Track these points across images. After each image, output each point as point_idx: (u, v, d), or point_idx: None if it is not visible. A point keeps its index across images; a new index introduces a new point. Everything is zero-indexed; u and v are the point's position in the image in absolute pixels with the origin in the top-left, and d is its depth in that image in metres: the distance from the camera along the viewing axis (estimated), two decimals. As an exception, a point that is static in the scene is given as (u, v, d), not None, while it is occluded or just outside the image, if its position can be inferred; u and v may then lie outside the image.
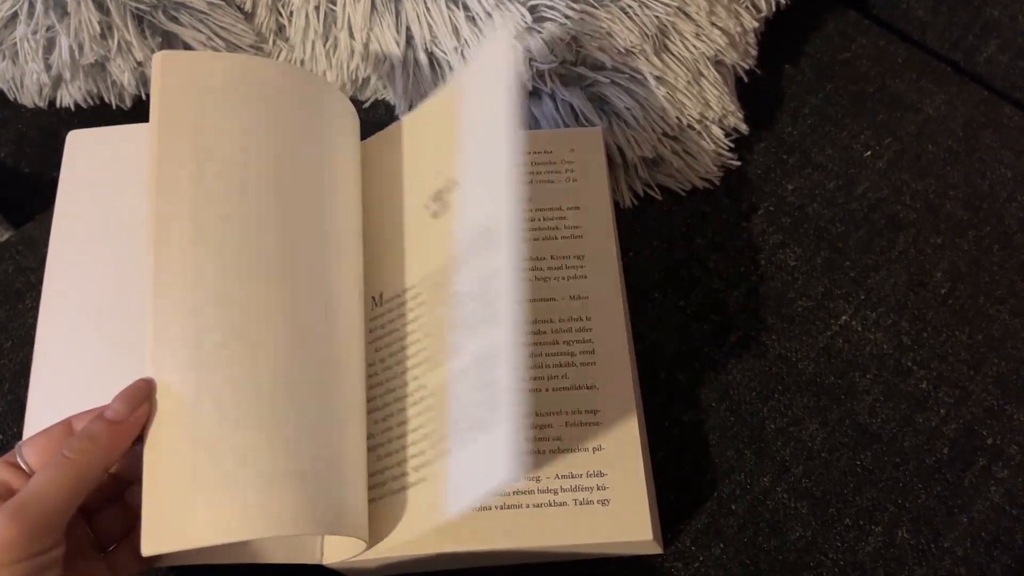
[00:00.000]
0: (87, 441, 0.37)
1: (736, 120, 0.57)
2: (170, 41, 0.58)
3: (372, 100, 0.62)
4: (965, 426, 0.50)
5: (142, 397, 0.38)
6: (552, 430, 0.45)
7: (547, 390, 0.46)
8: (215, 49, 0.59)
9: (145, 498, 0.37)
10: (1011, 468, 0.49)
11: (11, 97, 0.63)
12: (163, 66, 0.43)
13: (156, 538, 0.37)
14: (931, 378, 0.51)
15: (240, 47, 0.59)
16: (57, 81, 0.60)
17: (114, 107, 0.62)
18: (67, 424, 0.39)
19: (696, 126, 0.55)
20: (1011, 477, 0.48)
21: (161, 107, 0.43)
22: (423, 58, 0.57)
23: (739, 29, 0.56)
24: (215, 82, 0.44)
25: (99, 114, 0.62)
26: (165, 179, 0.41)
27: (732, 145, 0.58)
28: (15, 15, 0.57)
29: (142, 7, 0.56)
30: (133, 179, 0.47)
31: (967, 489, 0.48)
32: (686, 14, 0.54)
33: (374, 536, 0.42)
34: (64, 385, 0.44)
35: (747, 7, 0.57)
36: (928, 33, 0.67)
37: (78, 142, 0.50)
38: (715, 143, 0.56)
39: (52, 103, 0.62)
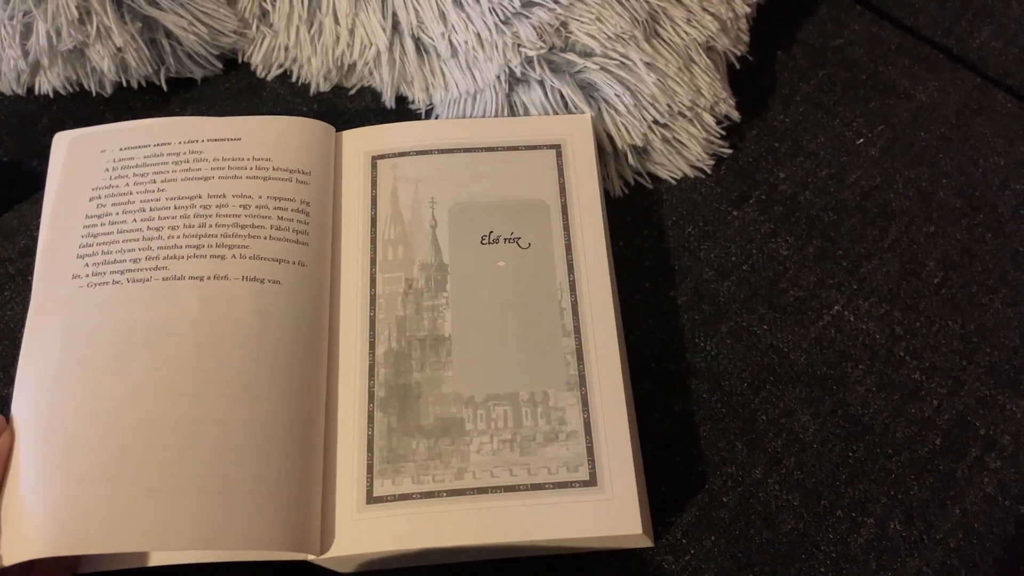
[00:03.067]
0: None
1: (728, 107, 0.56)
2: (150, 26, 0.57)
3: (358, 87, 0.61)
4: (958, 416, 0.49)
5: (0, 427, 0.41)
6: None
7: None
8: (196, 35, 0.57)
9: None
10: (1004, 459, 0.48)
11: (-12, 84, 0.61)
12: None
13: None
14: (924, 368, 0.51)
15: (222, 32, 0.58)
16: (35, 67, 0.59)
17: (93, 94, 0.60)
18: None
19: (687, 113, 0.55)
20: (1004, 468, 0.48)
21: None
22: (410, 44, 0.56)
23: (731, 15, 0.55)
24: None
25: (78, 101, 0.61)
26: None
27: (723, 133, 0.57)
28: (-9, 0, 0.55)
29: (121, -9, 0.55)
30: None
31: (960, 480, 0.48)
32: (677, -1, 0.54)
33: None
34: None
35: (739, -8, 0.56)
36: (921, 19, 0.67)
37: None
38: (706, 130, 0.56)
39: (30, 90, 0.61)
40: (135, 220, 0.47)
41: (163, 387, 0.42)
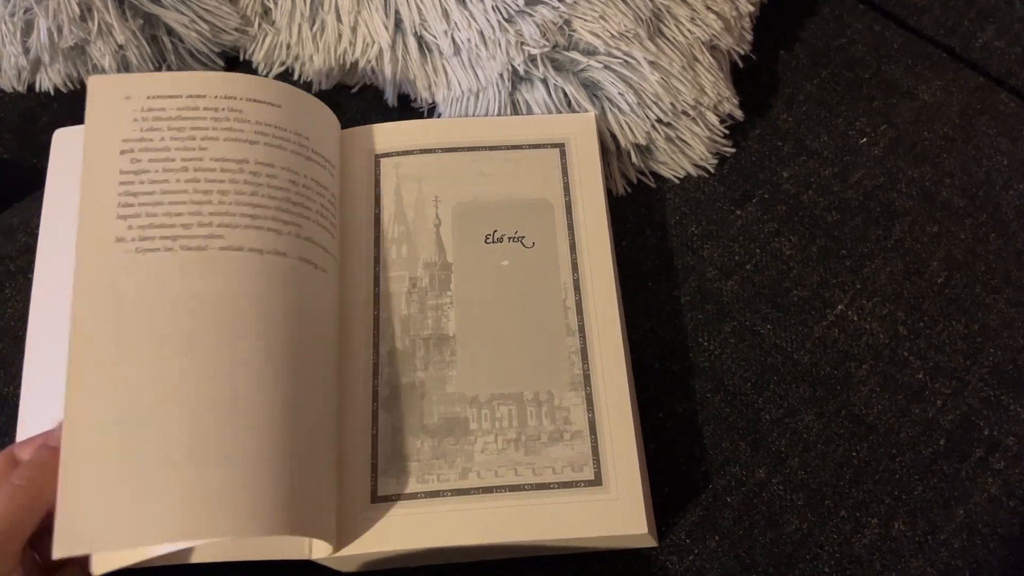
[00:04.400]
0: (36, 469, 0.38)
1: (731, 106, 0.56)
2: (152, 23, 0.57)
3: (360, 86, 0.61)
4: (962, 417, 0.49)
5: None
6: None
7: (540, 382, 0.45)
8: (198, 32, 0.57)
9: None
10: (1008, 459, 0.48)
11: (-11, 81, 0.61)
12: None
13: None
14: (927, 368, 0.51)
15: (224, 30, 0.58)
16: (36, 64, 0.59)
17: (95, 91, 0.60)
18: (9, 454, 0.39)
19: (691, 112, 0.54)
20: (1008, 468, 0.48)
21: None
22: (412, 42, 0.56)
23: (735, 13, 0.55)
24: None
25: (79, 98, 0.60)
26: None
27: (727, 131, 0.57)
28: (-9, -4, 0.55)
29: (123, -12, 0.55)
30: None
31: (964, 481, 0.48)
32: (681, -2, 0.53)
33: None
34: (57, 385, 0.43)
35: (742, -9, 0.56)
36: (924, 18, 0.67)
37: (65, 140, 0.49)
38: (709, 129, 0.56)
39: (31, 87, 0.61)
40: (178, 180, 0.42)
41: (235, 367, 0.39)
